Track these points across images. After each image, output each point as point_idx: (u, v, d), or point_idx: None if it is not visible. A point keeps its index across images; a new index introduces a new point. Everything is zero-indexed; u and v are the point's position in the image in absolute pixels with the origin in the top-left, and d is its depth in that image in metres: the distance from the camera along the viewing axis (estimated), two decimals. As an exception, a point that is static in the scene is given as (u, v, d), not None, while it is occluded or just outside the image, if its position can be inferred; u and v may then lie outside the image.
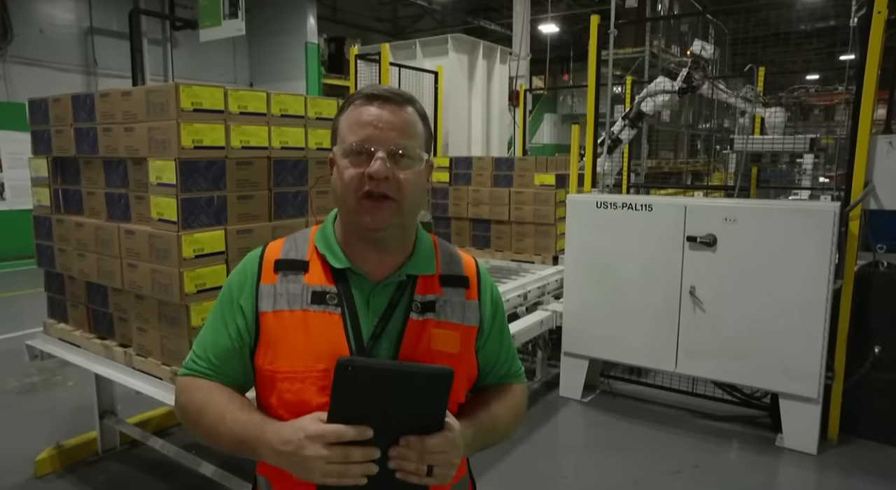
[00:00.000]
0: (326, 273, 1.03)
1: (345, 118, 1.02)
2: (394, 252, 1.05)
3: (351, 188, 0.98)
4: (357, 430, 0.87)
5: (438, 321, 1.05)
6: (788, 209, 3.26)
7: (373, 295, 1.03)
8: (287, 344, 1.00)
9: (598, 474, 3.18)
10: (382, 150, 0.97)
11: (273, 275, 1.04)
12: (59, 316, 2.91)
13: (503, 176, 5.09)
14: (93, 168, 2.54)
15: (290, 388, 0.98)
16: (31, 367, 4.31)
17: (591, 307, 3.84)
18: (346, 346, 0.99)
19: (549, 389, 4.18)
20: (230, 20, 6.93)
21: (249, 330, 1.04)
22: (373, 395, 0.87)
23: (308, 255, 1.06)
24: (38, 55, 9.80)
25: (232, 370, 1.06)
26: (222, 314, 1.07)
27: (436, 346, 1.03)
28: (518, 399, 1.20)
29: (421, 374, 0.89)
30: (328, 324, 1.00)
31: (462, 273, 1.11)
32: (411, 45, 6.72)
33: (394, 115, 1.00)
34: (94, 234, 2.51)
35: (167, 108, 2.15)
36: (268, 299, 1.02)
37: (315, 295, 1.01)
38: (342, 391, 0.86)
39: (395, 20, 17.96)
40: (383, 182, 0.97)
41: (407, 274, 1.05)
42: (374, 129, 0.98)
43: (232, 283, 1.09)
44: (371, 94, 1.01)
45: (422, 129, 1.04)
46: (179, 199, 2.15)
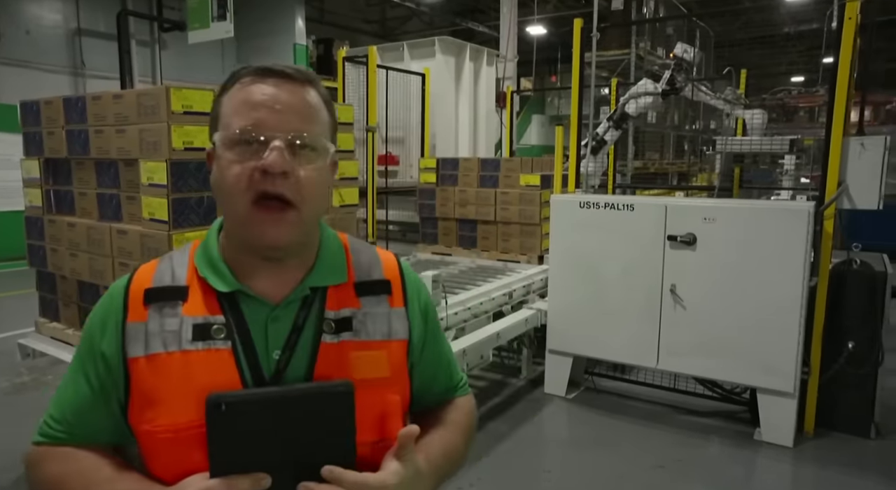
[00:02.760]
0: (210, 300, 0.83)
1: (228, 99, 0.81)
2: (295, 265, 0.86)
3: (239, 189, 0.77)
4: (249, 480, 0.73)
5: (358, 341, 0.86)
6: (765, 209, 3.36)
7: (272, 320, 0.83)
8: (167, 395, 0.79)
9: (583, 469, 3.27)
10: (279, 139, 0.77)
11: (143, 309, 0.83)
12: (50, 315, 2.95)
13: (489, 176, 5.18)
14: (84, 169, 2.59)
15: (175, 449, 0.78)
16: (22, 366, 4.33)
17: (575, 305, 3.93)
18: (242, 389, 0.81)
19: (535, 386, 4.26)
20: (219, 22, 6.98)
21: (116, 382, 0.83)
22: (258, 432, 0.73)
23: (188, 279, 0.85)
24: (25, 56, 9.77)
25: (97, 431, 0.86)
26: (82, 365, 0.86)
27: (360, 375, 0.84)
28: (469, 417, 1.03)
29: (312, 396, 0.76)
30: (216, 364, 0.80)
31: (382, 277, 0.92)
32: (399, 47, 6.79)
33: (293, 96, 0.80)
34: (86, 233, 2.56)
35: (158, 110, 2.21)
36: (137, 341, 0.82)
37: (197, 329, 0.81)
38: (222, 435, 0.72)
39: (383, 22, 18.03)
40: (280, 179, 0.76)
41: (311, 287, 0.86)
42: (267, 111, 0.78)
43: (92, 325, 0.87)
44: (263, 68, 0.81)
45: (327, 115, 0.84)
46: (170, 199, 2.21)
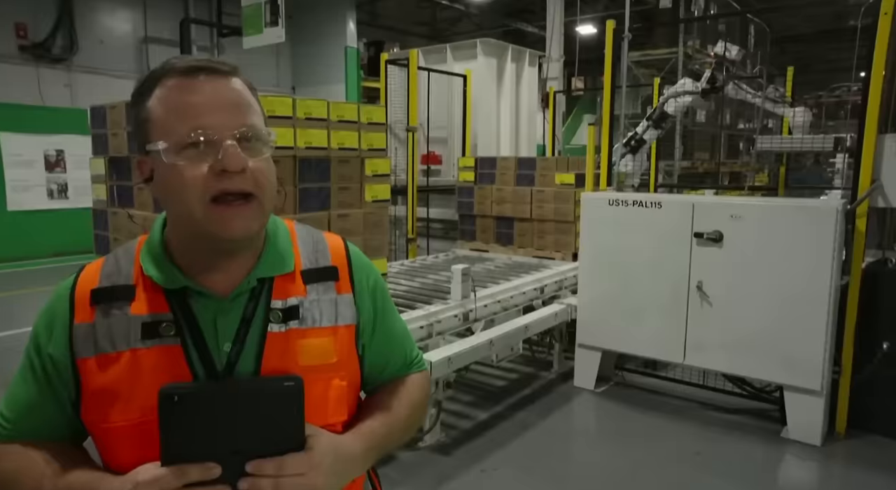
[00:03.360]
0: (158, 297, 0.83)
1: (158, 103, 0.79)
2: (243, 256, 0.86)
3: (195, 193, 0.76)
4: (200, 469, 0.73)
5: (305, 329, 0.87)
6: (792, 206, 3.36)
7: (220, 313, 0.84)
8: (118, 394, 0.80)
9: (603, 458, 3.35)
10: (230, 137, 0.77)
11: (89, 310, 0.83)
12: (112, 299, 3.26)
13: (525, 175, 5.29)
14: (142, 166, 2.87)
15: (130, 445, 0.80)
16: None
17: (604, 301, 4.00)
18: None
19: (565, 380, 4.35)
20: (271, 28, 7.34)
21: (66, 383, 0.84)
22: (209, 424, 0.74)
23: (134, 278, 0.85)
24: (98, 64, 10.48)
25: (48, 429, 0.88)
26: (31, 365, 0.87)
27: (306, 361, 0.86)
28: (416, 392, 1.04)
29: (262, 390, 0.78)
30: (167, 360, 0.81)
31: (329, 263, 0.93)
32: (442, 49, 6.97)
33: (226, 91, 0.80)
34: (143, 224, 2.84)
35: (205, 113, 2.44)
36: (85, 342, 0.82)
37: (146, 327, 0.82)
38: (173, 426, 0.74)
39: (433, 23, 18.27)
40: (238, 176, 0.77)
41: (258, 278, 0.87)
42: (208, 111, 0.77)
43: (38, 326, 0.87)
44: (188, 66, 0.79)
45: (256, 103, 0.85)
46: (215, 193, 2.44)
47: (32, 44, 9.54)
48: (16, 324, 5.87)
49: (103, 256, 0.91)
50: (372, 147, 3.03)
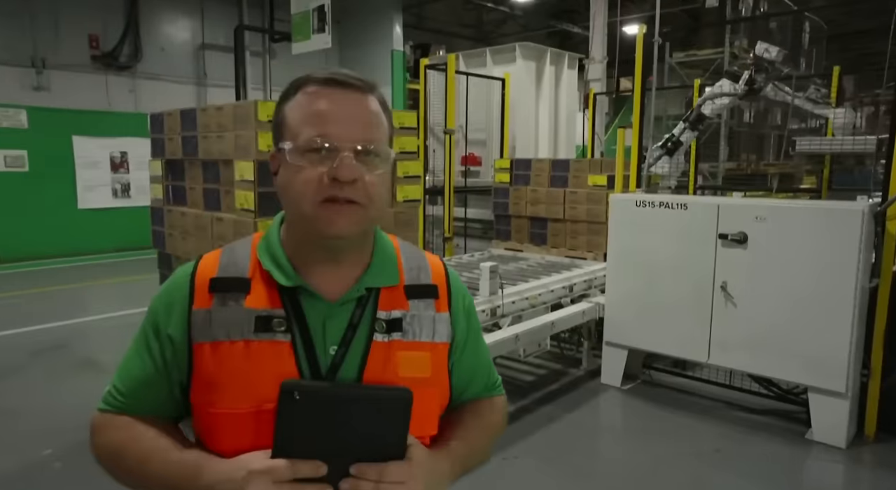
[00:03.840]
0: (272, 293, 0.88)
1: (294, 107, 0.85)
2: (352, 263, 0.91)
3: (308, 193, 0.83)
4: (310, 466, 0.77)
5: (406, 341, 0.91)
6: (817, 208, 3.38)
7: (329, 317, 0.88)
8: (228, 381, 0.84)
9: (623, 452, 3.46)
10: (348, 148, 0.82)
11: (208, 297, 0.87)
12: (167, 289, 3.57)
13: (559, 177, 5.40)
14: (194, 168, 3.17)
15: (234, 432, 0.84)
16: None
17: (631, 300, 4.08)
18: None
19: (592, 377, 4.45)
20: (318, 34, 7.66)
21: (180, 364, 0.88)
22: (323, 423, 0.78)
23: (250, 272, 0.89)
24: (159, 70, 11.10)
25: (158, 406, 0.92)
26: (146, 343, 0.91)
27: (404, 373, 0.89)
28: (496, 416, 1.08)
29: (377, 398, 0.81)
30: (276, 355, 0.85)
31: (430, 281, 0.97)
32: (482, 53, 7.13)
33: (358, 106, 0.85)
34: (194, 221, 3.13)
35: (248, 120, 2.70)
36: (202, 328, 0.86)
37: (259, 321, 0.86)
38: (289, 421, 0.77)
39: (479, 25, 18.42)
40: (349, 185, 0.82)
41: (367, 287, 0.91)
42: (335, 121, 0.83)
43: (157, 306, 0.92)
44: (328, 78, 0.85)
45: (386, 121, 0.89)
46: (256, 192, 2.69)
47: (103, 53, 10.20)
48: (85, 312, 6.37)
49: (220, 247, 0.95)
50: (404, 150, 3.24)
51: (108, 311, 6.32)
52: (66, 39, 9.86)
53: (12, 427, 3.62)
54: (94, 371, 4.60)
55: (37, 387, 4.27)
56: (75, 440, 3.38)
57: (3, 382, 4.34)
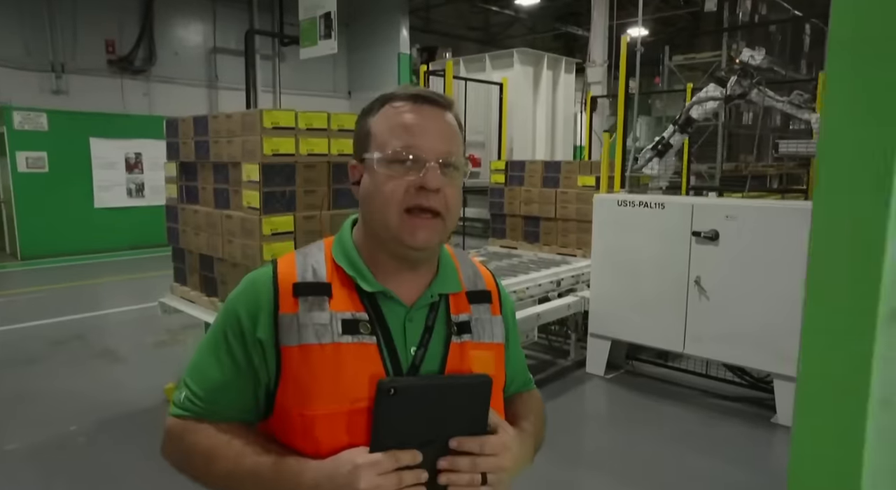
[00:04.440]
0: (354, 297, 0.91)
1: (381, 120, 0.91)
2: (424, 271, 0.96)
3: (395, 201, 0.87)
4: (409, 455, 0.82)
5: (476, 342, 0.97)
6: (780, 208, 3.62)
7: (408, 320, 0.93)
8: (319, 382, 0.87)
9: (605, 436, 3.72)
10: (433, 160, 0.88)
11: (293, 301, 0.90)
12: (181, 280, 3.89)
13: (551, 177, 5.65)
14: (206, 170, 3.47)
15: (329, 431, 0.86)
16: (163, 328, 5.47)
17: (613, 294, 4.34)
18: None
19: (579, 367, 4.71)
20: (325, 40, 7.97)
21: (269, 367, 0.90)
22: (415, 414, 0.83)
23: (328, 276, 0.93)
24: (172, 74, 11.46)
25: (239, 409, 0.93)
26: (226, 347, 0.92)
27: (478, 370, 0.95)
28: (540, 404, 1.17)
29: (462, 386, 0.87)
30: (364, 356, 0.88)
31: (485, 288, 1.04)
32: (482, 58, 7.41)
33: (440, 121, 0.91)
34: (205, 218, 3.43)
35: (255, 126, 2.99)
36: (290, 331, 0.88)
37: (346, 324, 0.89)
38: (386, 416, 0.82)
39: (486, 28, 18.68)
40: (433, 194, 0.87)
41: (439, 293, 0.96)
42: (422, 134, 0.88)
43: (239, 310, 0.92)
44: (414, 94, 0.91)
45: (461, 135, 0.96)
46: (262, 192, 2.99)
47: (118, 58, 10.57)
48: (103, 306, 6.71)
49: (292, 252, 0.98)
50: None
51: (124, 305, 6.66)
52: (84, 44, 10.24)
53: (39, 407, 3.94)
54: (111, 360, 4.93)
55: (59, 373, 4.59)
56: (96, 419, 3.71)
57: (29, 368, 4.68)
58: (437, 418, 0.84)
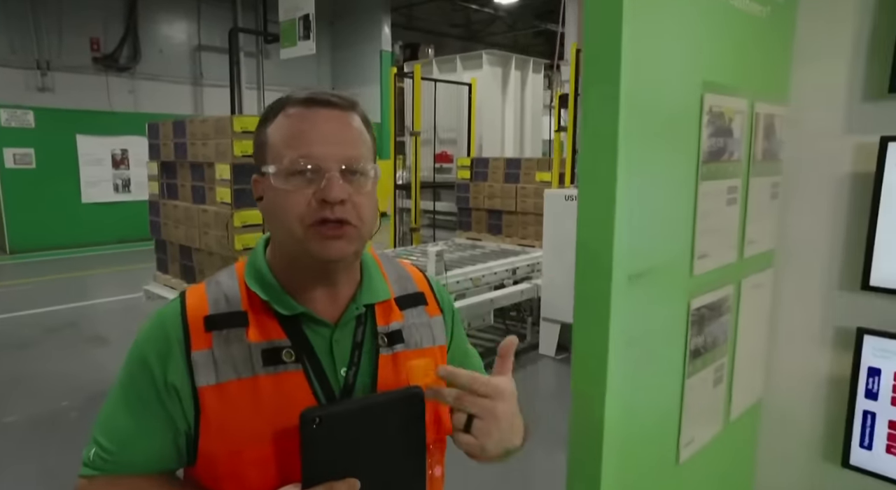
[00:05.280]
0: (272, 323, 0.85)
1: (276, 129, 0.83)
2: (344, 283, 0.89)
3: (297, 216, 0.80)
4: (345, 485, 0.76)
5: (410, 351, 0.92)
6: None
7: (334, 340, 0.87)
8: (244, 420, 0.81)
9: (552, 410, 4.14)
10: (334, 168, 0.80)
11: (205, 336, 0.83)
12: (163, 270, 4.26)
13: (512, 173, 6.07)
14: (184, 169, 3.84)
15: (260, 471, 0.81)
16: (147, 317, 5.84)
17: (561, 281, 4.77)
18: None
19: (534, 348, 5.14)
20: (303, 41, 8.30)
21: (185, 411, 0.82)
22: (346, 440, 0.78)
23: (244, 304, 0.86)
24: (157, 71, 11.72)
25: (160, 460, 0.85)
26: (138, 394, 0.84)
27: (415, 381, 0.90)
28: None
29: (390, 402, 0.81)
30: (290, 386, 0.83)
31: (416, 289, 0.99)
32: (452, 59, 7.77)
33: (340, 124, 0.83)
34: (184, 212, 3.80)
35: (226, 130, 3.37)
36: (206, 370, 0.82)
37: (267, 354, 0.83)
38: (315, 448, 0.76)
39: (468, 25, 19.01)
40: (339, 206, 0.80)
41: (364, 305, 0.90)
42: (319, 141, 0.80)
43: (146, 354, 0.84)
44: (308, 98, 0.83)
45: (369, 138, 0.87)
46: (233, 189, 3.37)
47: (103, 55, 10.83)
48: (91, 296, 7.06)
49: (202, 282, 0.91)
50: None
51: (113, 295, 7.02)
52: (69, 42, 10.48)
53: (34, 385, 4.31)
54: (100, 345, 5.30)
55: (52, 356, 4.96)
56: (87, 396, 4.09)
57: (23, 352, 5.04)
58: (370, 439, 0.79)
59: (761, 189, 1.61)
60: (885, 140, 1.49)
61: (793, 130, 1.67)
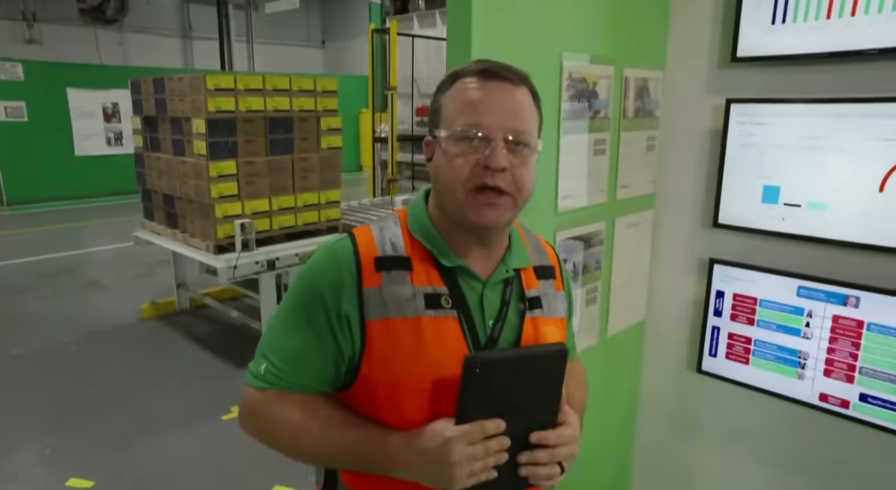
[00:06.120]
0: (433, 272, 0.92)
1: (451, 97, 0.89)
2: (496, 246, 0.96)
3: (461, 178, 0.86)
4: (494, 424, 0.84)
5: (545, 317, 1.00)
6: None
7: (483, 294, 0.94)
8: (404, 355, 0.88)
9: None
10: (500, 138, 0.85)
11: (376, 275, 0.90)
12: (149, 217, 4.59)
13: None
14: (164, 123, 4.11)
15: (414, 402, 0.88)
16: (141, 263, 6.21)
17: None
18: (468, 352, 0.89)
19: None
20: (287, -6, 8.38)
21: (354, 341, 0.89)
22: (498, 386, 0.85)
23: (406, 251, 0.93)
24: (146, 24, 11.73)
25: (321, 380, 0.93)
26: (307, 319, 0.91)
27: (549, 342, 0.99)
28: (584, 373, 1.20)
29: (540, 355, 0.89)
30: (445, 330, 0.89)
31: (549, 263, 1.06)
32: (433, 14, 7.87)
33: (510, 97, 0.88)
34: (166, 164, 4.09)
35: (201, 88, 3.63)
36: (375, 306, 0.88)
37: (428, 298, 0.90)
38: (472, 389, 0.83)
39: (460, -24, 18.71)
40: (500, 174, 0.85)
41: (513, 268, 0.97)
42: (489, 111, 0.86)
43: (320, 284, 0.91)
44: (483, 69, 0.88)
45: (536, 112, 0.92)
46: (208, 142, 3.65)
47: (90, 7, 10.82)
48: (87, 245, 7.41)
49: (367, 226, 0.97)
50: (326, 109, 4.18)
51: (107, 244, 7.36)
52: (54, -7, 10.44)
53: (36, 324, 4.70)
54: (96, 288, 5.67)
55: (51, 298, 5.34)
56: (84, 333, 4.48)
57: (22, 295, 5.41)
58: (517, 387, 0.86)
59: (634, 142, 1.93)
60: (729, 102, 1.80)
61: (668, 92, 1.98)
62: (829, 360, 1.73)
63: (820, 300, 1.72)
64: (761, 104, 1.76)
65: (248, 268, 3.73)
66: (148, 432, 3.17)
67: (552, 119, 1.61)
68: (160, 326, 4.68)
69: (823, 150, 1.66)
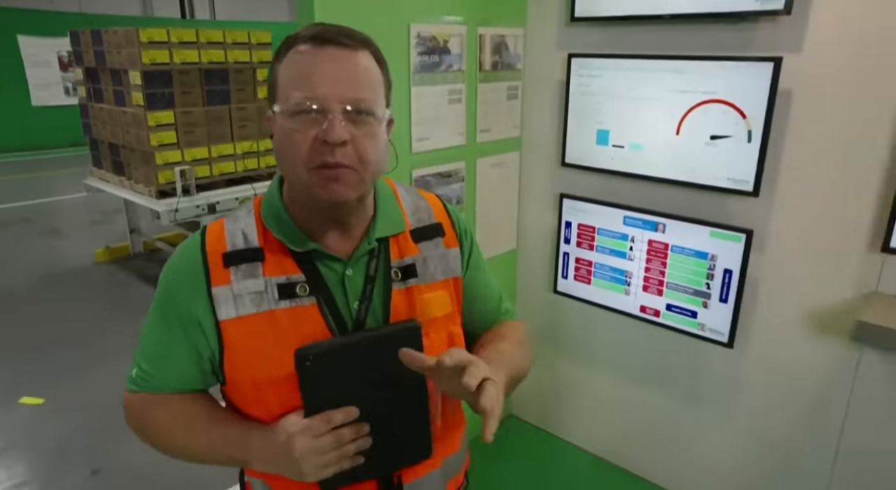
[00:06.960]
0: (287, 259, 0.87)
1: (284, 68, 0.81)
2: (357, 220, 0.90)
3: (300, 156, 0.79)
4: (342, 413, 0.81)
5: (423, 285, 0.93)
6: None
7: (345, 274, 0.88)
8: (262, 350, 0.85)
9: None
10: (337, 109, 0.78)
11: (224, 272, 0.86)
12: (98, 166, 4.78)
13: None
14: (105, 75, 4.26)
15: (278, 395, 0.85)
16: (98, 211, 6.40)
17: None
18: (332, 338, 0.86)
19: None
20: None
21: (210, 342, 0.87)
22: (342, 374, 0.82)
23: (259, 240, 0.88)
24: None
25: (188, 379, 0.91)
26: (167, 322, 0.89)
27: (429, 315, 0.92)
28: (518, 332, 1.08)
29: (385, 337, 0.85)
30: (304, 319, 0.86)
31: (433, 220, 0.99)
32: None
33: (347, 64, 0.80)
34: (108, 114, 4.27)
35: (134, 41, 3.79)
36: (226, 304, 0.85)
37: (282, 289, 0.85)
38: (311, 382, 0.81)
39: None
40: (340, 148, 0.78)
41: (377, 238, 0.91)
42: (324, 81, 0.78)
43: (173, 286, 0.89)
44: (316, 34, 0.80)
45: (381, 77, 0.84)
46: (145, 93, 3.84)
47: (39, -50, 10.43)
48: (45, 195, 7.51)
49: (221, 218, 0.93)
50: (262, 61, 4.36)
51: (65, 194, 7.47)
52: (0, -67, 10.02)
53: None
54: (53, 236, 5.87)
55: (8, 245, 5.53)
56: (38, 276, 4.72)
57: (-18, 243, 5.60)
58: (370, 371, 0.84)
59: (494, 91, 2.21)
60: (570, 56, 2.08)
61: (529, 47, 2.25)
62: (646, 277, 2.08)
63: (639, 227, 2.06)
64: (593, 58, 2.04)
65: (189, 211, 3.99)
66: (98, 363, 3.47)
67: (403, 72, 1.88)
68: (114, 270, 4.94)
69: (640, 99, 1.96)
